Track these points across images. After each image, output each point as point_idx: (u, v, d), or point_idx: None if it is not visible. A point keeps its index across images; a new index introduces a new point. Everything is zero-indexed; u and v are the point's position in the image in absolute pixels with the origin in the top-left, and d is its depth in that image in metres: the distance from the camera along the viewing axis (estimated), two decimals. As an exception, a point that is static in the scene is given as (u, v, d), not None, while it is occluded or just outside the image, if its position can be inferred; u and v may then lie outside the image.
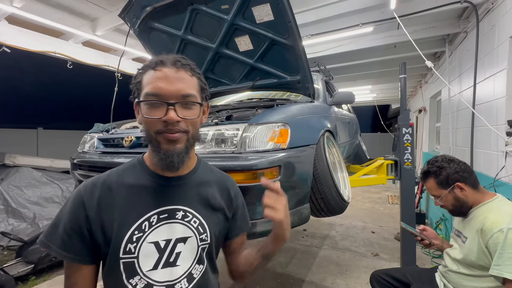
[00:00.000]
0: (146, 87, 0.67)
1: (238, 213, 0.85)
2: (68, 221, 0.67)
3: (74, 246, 0.66)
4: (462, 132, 3.08)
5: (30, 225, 4.16)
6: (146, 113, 0.66)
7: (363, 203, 5.73)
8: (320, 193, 1.53)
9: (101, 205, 0.68)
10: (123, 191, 0.70)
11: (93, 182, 0.71)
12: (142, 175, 0.73)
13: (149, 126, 0.67)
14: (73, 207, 0.68)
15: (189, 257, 0.72)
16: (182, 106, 0.67)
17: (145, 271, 0.67)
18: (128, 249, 0.66)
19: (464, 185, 1.34)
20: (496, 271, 1.13)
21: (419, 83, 6.42)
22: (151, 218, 0.69)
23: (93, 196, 0.68)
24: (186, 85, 0.67)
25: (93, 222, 0.66)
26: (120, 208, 0.68)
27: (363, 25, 3.01)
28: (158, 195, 0.71)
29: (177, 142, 0.67)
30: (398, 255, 3.13)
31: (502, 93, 2.08)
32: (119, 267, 0.67)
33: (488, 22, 2.43)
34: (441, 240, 1.54)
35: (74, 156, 1.93)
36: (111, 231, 0.67)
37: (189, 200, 0.74)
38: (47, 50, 3.29)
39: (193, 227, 0.73)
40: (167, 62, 0.67)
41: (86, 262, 0.68)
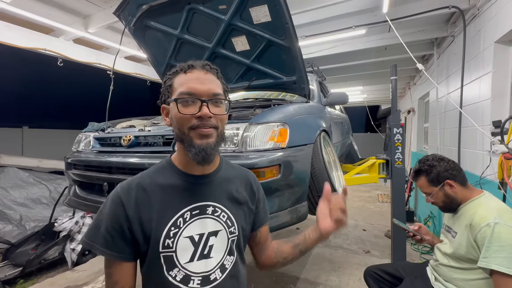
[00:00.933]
0: (179, 87, 0.73)
1: (261, 206, 0.92)
2: (109, 221, 0.71)
3: (117, 245, 0.71)
4: (449, 132, 3.20)
5: (16, 227, 4.03)
6: (181, 110, 0.71)
7: (354, 201, 5.84)
8: (318, 191, 1.57)
9: (138, 205, 0.72)
10: (157, 191, 0.75)
11: (129, 184, 0.76)
12: (173, 176, 0.78)
13: (183, 122, 0.72)
14: (113, 207, 0.72)
15: (220, 249, 0.78)
16: (212, 103, 0.73)
17: (183, 264, 0.73)
18: (166, 244, 0.72)
19: (454, 183, 1.40)
20: (484, 263, 1.19)
21: (408, 84, 6.61)
22: (185, 214, 0.75)
23: (130, 197, 0.73)
24: (215, 85, 0.75)
25: (132, 221, 0.71)
26: (156, 207, 0.74)
27: (356, 28, 3.09)
28: (189, 193, 0.77)
29: (210, 136, 0.72)
30: (388, 252, 3.22)
31: (488, 95, 2.18)
32: (160, 260, 0.72)
33: (474, 27, 2.54)
34: (432, 235, 1.61)
35: (68, 155, 1.90)
36: (150, 228, 0.72)
37: (217, 196, 0.80)
38: (37, 46, 3.20)
39: (222, 221, 0.79)
40: (197, 66, 0.75)
41: (128, 259, 0.73)
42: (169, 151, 1.44)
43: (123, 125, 2.00)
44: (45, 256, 3.18)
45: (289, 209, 1.43)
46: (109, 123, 2.04)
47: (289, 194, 1.42)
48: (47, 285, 2.84)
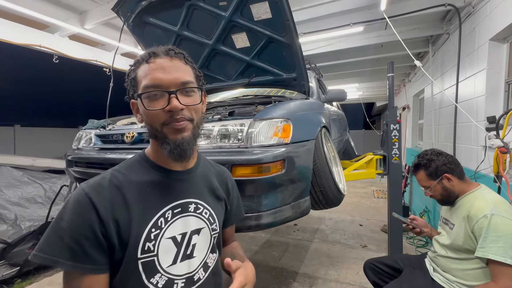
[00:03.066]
0: (143, 80, 0.65)
1: (234, 204, 0.90)
2: (76, 228, 0.58)
3: (89, 255, 0.58)
4: (444, 129, 3.27)
5: (11, 227, 3.97)
6: (148, 106, 0.64)
7: (350, 197, 5.92)
8: (319, 186, 1.60)
9: (113, 206, 0.62)
10: (133, 189, 0.66)
11: (98, 183, 0.64)
12: (150, 172, 0.70)
13: (153, 119, 0.65)
14: (80, 211, 0.60)
15: (203, 247, 0.74)
16: (182, 93, 0.66)
17: (165, 267, 0.66)
18: (147, 248, 0.64)
19: (452, 176, 1.45)
20: (481, 253, 1.24)
21: (403, 82, 6.69)
22: (166, 213, 0.68)
23: (103, 197, 0.62)
24: (183, 73, 0.67)
25: (107, 224, 0.60)
26: (133, 207, 0.64)
27: (354, 25, 3.11)
28: (170, 190, 0.71)
29: (184, 130, 0.66)
30: (385, 246, 3.29)
31: (482, 91, 2.24)
32: (138, 268, 0.63)
33: (469, 25, 2.59)
34: (430, 228, 1.66)
35: (69, 152, 1.88)
36: (127, 232, 0.62)
37: (199, 192, 0.76)
38: (31, 43, 3.14)
39: (205, 218, 0.75)
40: (160, 53, 0.66)
41: (103, 271, 0.61)
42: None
43: (124, 122, 1.99)
44: (42, 255, 3.15)
45: (291, 204, 1.46)
46: (109, 120, 2.03)
47: (292, 189, 1.44)
48: (45, 284, 2.82)
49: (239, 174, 1.22)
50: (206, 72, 2.48)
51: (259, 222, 1.28)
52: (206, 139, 1.40)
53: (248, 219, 1.26)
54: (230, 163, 1.22)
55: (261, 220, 1.28)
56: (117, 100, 2.35)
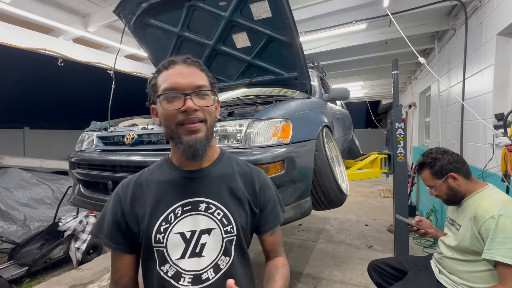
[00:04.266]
0: (162, 84, 0.72)
1: (268, 207, 0.84)
2: (110, 215, 0.77)
3: (116, 237, 0.76)
4: (451, 126, 3.19)
5: (21, 227, 4.06)
6: (166, 107, 0.71)
7: (356, 197, 5.85)
8: (321, 186, 1.58)
9: (134, 200, 0.76)
10: (152, 187, 0.77)
11: (128, 180, 0.80)
12: (168, 171, 0.79)
13: (170, 119, 0.71)
14: (113, 203, 0.78)
15: (214, 248, 0.74)
16: (197, 96, 0.72)
17: (174, 260, 0.73)
18: (157, 239, 0.73)
19: (457, 175, 1.40)
20: (489, 255, 1.20)
21: (409, 79, 6.58)
22: (176, 210, 0.75)
23: (127, 193, 0.77)
24: (198, 78, 0.74)
25: (128, 215, 0.75)
26: (150, 202, 0.76)
27: (356, 22, 3.07)
28: (182, 188, 0.76)
29: (198, 131, 0.71)
30: (391, 246, 3.23)
31: (490, 88, 2.17)
32: (154, 254, 0.74)
33: (476, 19, 2.52)
34: (435, 229, 1.62)
35: (72, 154, 1.90)
36: (144, 222, 0.74)
37: (212, 192, 0.76)
38: (37, 47, 3.19)
39: (217, 219, 0.75)
40: (178, 61, 0.74)
41: (125, 251, 0.77)
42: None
43: (126, 124, 2.01)
44: (50, 256, 3.21)
45: (292, 205, 1.44)
46: (112, 122, 2.04)
47: (292, 190, 1.43)
48: (53, 284, 2.86)
49: (238, 175, 1.21)
50: (208, 73, 2.47)
51: None
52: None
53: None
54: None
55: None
56: (119, 102, 2.37)
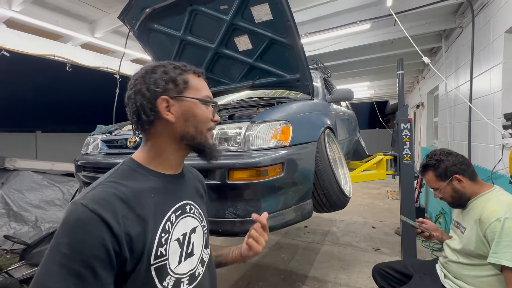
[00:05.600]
0: (203, 90, 0.77)
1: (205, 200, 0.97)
2: (85, 249, 0.54)
3: (97, 277, 0.54)
4: (459, 127, 3.12)
5: (32, 229, 4.16)
6: (207, 112, 0.76)
7: (363, 198, 5.78)
8: (322, 188, 1.56)
9: (124, 220, 0.59)
10: (140, 199, 0.65)
11: (102, 197, 0.59)
12: (148, 178, 0.70)
13: (204, 123, 0.76)
14: (90, 230, 0.55)
15: (199, 244, 0.79)
16: None
17: (173, 269, 0.69)
18: (159, 253, 0.65)
19: (462, 177, 1.37)
20: (494, 259, 1.16)
21: (416, 78, 6.47)
22: (171, 217, 0.71)
23: (113, 212, 0.58)
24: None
25: (121, 240, 0.57)
26: (144, 217, 0.64)
27: (360, 23, 3.04)
28: (170, 194, 0.74)
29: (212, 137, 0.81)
30: (398, 249, 3.17)
31: (498, 87, 2.12)
32: (151, 273, 0.63)
33: (483, 17, 2.46)
34: (440, 232, 1.58)
35: (78, 158, 1.95)
36: (140, 243, 0.61)
37: (190, 193, 0.81)
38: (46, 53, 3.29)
39: (197, 216, 0.80)
40: (200, 74, 0.80)
41: None
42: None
43: (130, 127, 2.04)
44: (59, 256, 3.27)
45: (293, 207, 1.43)
46: (116, 125, 2.08)
47: (293, 192, 1.42)
48: (62, 284, 2.92)
49: (237, 177, 1.22)
50: (211, 76, 2.50)
51: None
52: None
53: (247, 223, 1.25)
54: (227, 166, 1.22)
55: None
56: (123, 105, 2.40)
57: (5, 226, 4.02)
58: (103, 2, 2.88)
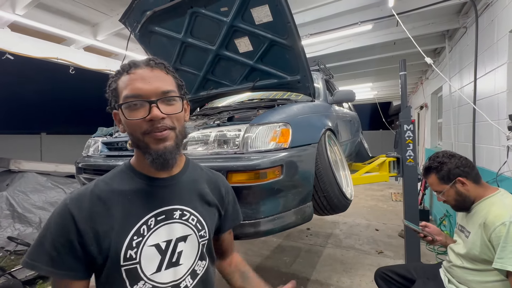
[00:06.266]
0: (124, 91, 0.66)
1: (230, 208, 0.88)
2: (56, 236, 0.62)
3: (65, 262, 0.62)
4: (464, 128, 3.08)
5: (36, 230, 4.20)
6: (129, 116, 0.65)
7: (366, 201, 5.72)
8: (323, 191, 1.54)
9: (93, 217, 0.64)
10: (115, 199, 0.67)
11: (80, 194, 0.67)
12: (133, 180, 0.71)
13: (135, 128, 0.66)
14: (60, 221, 0.63)
15: (191, 254, 0.73)
16: (163, 102, 0.66)
17: (148, 275, 0.67)
18: (129, 256, 0.65)
19: (466, 180, 1.34)
20: (499, 264, 1.13)
21: (420, 79, 6.41)
22: (149, 221, 0.68)
23: (82, 208, 0.64)
24: (163, 82, 0.68)
25: (85, 234, 0.63)
26: (115, 216, 0.66)
27: (362, 23, 3.02)
28: (153, 197, 0.71)
29: (166, 139, 0.67)
30: (402, 252, 3.13)
31: (503, 87, 2.08)
32: (121, 275, 0.65)
33: (487, 17, 2.43)
34: (444, 236, 1.55)
35: (79, 160, 1.96)
36: (108, 240, 0.64)
37: (184, 198, 0.75)
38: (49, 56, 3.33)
39: (192, 224, 0.74)
40: (140, 64, 0.68)
41: (78, 278, 0.64)
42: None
43: (130, 129, 2.04)
44: (62, 258, 3.29)
45: (293, 210, 1.42)
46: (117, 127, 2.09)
47: (293, 195, 1.40)
48: (64, 285, 2.93)
49: (235, 180, 1.20)
50: (211, 78, 2.50)
51: (257, 229, 1.25)
52: (204, 145, 1.40)
53: (246, 226, 1.24)
54: (226, 169, 1.21)
55: (260, 227, 1.25)
56: None
57: (9, 227, 4.05)
58: (105, 5, 2.90)
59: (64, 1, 2.82)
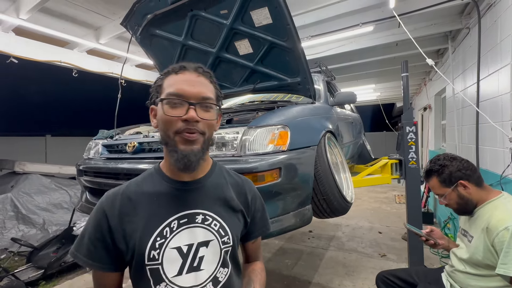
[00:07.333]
0: (168, 88, 0.70)
1: (258, 216, 0.86)
2: (92, 231, 0.70)
3: (99, 255, 0.69)
4: (467, 129, 3.04)
5: (40, 231, 4.23)
6: (167, 112, 0.68)
7: (369, 203, 5.67)
8: (322, 194, 1.53)
9: (122, 215, 0.70)
10: (142, 200, 0.72)
11: (114, 193, 0.73)
12: (160, 182, 0.74)
13: (169, 125, 0.68)
14: (96, 218, 0.70)
15: (212, 260, 0.73)
16: (201, 107, 0.70)
17: (170, 277, 0.68)
18: (152, 256, 0.68)
19: (468, 183, 1.32)
20: (503, 270, 1.11)
21: (424, 80, 6.36)
22: (172, 223, 0.70)
23: (114, 207, 0.70)
24: (206, 89, 0.72)
25: (115, 231, 0.69)
26: (141, 216, 0.70)
27: (363, 25, 3.01)
28: (176, 201, 0.73)
29: (195, 143, 0.69)
30: (405, 256, 3.09)
31: (507, 89, 2.05)
32: (146, 273, 0.68)
33: (490, 17, 2.40)
34: (447, 240, 1.52)
35: (80, 162, 1.97)
36: (134, 239, 0.68)
37: (208, 203, 0.75)
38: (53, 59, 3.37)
39: (214, 230, 0.74)
40: (189, 68, 0.72)
41: (110, 270, 0.71)
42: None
43: (131, 132, 2.05)
44: (65, 259, 3.31)
45: (293, 213, 1.41)
46: (118, 130, 2.10)
47: (292, 198, 1.39)
48: (66, 287, 2.96)
49: (233, 183, 1.20)
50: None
51: None
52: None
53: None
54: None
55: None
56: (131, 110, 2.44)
57: (14, 228, 4.10)
58: (107, 9, 2.93)
59: (67, 5, 2.86)
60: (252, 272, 0.86)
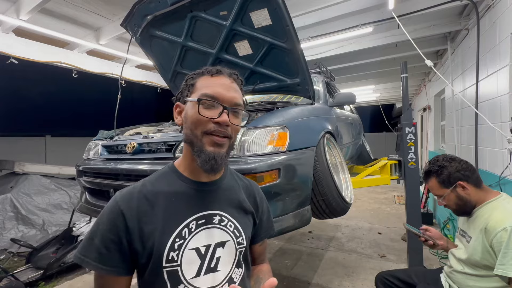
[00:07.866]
0: (203, 89, 0.71)
1: (265, 218, 0.88)
2: (106, 232, 0.65)
3: (112, 258, 0.65)
4: (466, 130, 3.04)
5: (39, 232, 4.23)
6: (201, 112, 0.68)
7: (369, 203, 5.67)
8: (321, 194, 1.53)
9: (140, 215, 0.67)
10: (160, 200, 0.70)
11: (130, 192, 0.70)
12: (177, 182, 0.73)
13: (199, 125, 0.69)
14: (111, 218, 0.66)
15: (228, 261, 0.73)
16: (233, 113, 0.71)
17: (188, 279, 0.67)
18: (171, 257, 0.66)
19: (466, 184, 1.33)
20: (501, 271, 1.11)
21: (423, 81, 6.37)
22: (190, 224, 0.70)
23: (131, 206, 0.67)
24: (238, 95, 0.73)
25: (132, 232, 0.66)
26: (159, 216, 0.68)
27: (362, 26, 3.02)
28: (195, 201, 0.72)
29: (222, 146, 0.69)
30: (405, 256, 3.09)
31: (505, 90, 2.06)
32: (163, 276, 0.66)
33: (489, 19, 2.41)
34: (446, 240, 1.53)
35: (79, 163, 1.97)
36: (152, 240, 0.66)
37: (223, 204, 0.76)
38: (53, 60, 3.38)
39: (230, 231, 0.74)
40: (224, 72, 0.74)
41: (122, 274, 0.67)
42: (171, 157, 1.46)
43: (130, 133, 2.06)
44: (64, 260, 3.31)
45: (292, 214, 1.41)
46: (118, 130, 2.10)
47: (291, 198, 1.40)
48: (65, 287, 2.95)
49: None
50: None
51: None
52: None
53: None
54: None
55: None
56: (131, 111, 2.44)
57: (13, 229, 4.10)
58: (107, 10, 2.94)
59: (67, 6, 2.87)
60: (260, 271, 0.87)
